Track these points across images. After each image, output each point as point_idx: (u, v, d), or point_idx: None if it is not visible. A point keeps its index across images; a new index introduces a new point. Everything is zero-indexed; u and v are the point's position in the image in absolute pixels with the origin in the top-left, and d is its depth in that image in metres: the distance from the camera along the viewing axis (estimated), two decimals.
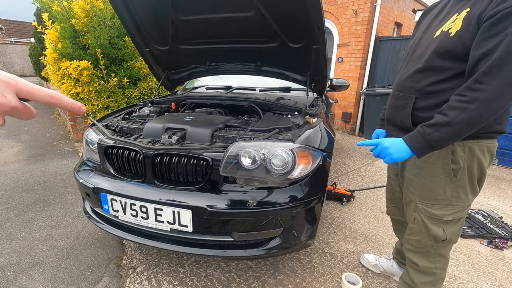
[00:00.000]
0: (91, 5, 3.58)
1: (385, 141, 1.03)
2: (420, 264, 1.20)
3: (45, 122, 5.72)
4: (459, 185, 1.04)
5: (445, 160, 1.03)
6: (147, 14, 1.88)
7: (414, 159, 1.13)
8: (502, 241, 2.07)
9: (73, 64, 3.49)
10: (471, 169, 1.02)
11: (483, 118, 0.87)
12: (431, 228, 1.11)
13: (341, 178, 3.32)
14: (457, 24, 0.93)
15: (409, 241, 1.22)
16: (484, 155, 1.00)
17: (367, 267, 1.76)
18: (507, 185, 3.33)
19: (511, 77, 0.82)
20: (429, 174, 1.09)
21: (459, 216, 1.09)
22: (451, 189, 1.05)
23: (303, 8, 1.49)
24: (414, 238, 1.19)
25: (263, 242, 1.39)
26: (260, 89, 2.44)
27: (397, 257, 1.65)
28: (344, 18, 5.47)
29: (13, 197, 2.56)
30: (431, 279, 1.21)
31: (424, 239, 1.15)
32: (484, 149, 1.00)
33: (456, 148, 1.01)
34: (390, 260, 1.71)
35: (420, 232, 1.16)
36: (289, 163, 1.28)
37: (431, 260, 1.18)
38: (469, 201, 1.07)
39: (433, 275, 1.20)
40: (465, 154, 1.00)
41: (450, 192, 1.05)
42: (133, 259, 1.79)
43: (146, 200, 1.33)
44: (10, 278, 1.62)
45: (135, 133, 1.66)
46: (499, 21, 0.83)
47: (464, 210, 1.09)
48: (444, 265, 1.20)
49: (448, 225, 1.10)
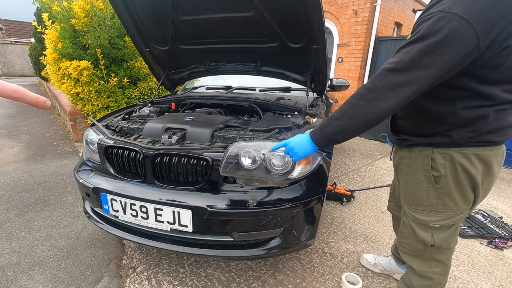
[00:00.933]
0: (91, 5, 3.58)
1: (290, 142, 1.09)
2: (416, 267, 1.19)
3: (45, 122, 5.72)
4: (443, 193, 1.02)
5: (426, 167, 1.03)
6: (147, 14, 1.88)
7: (403, 165, 1.14)
8: (502, 241, 2.07)
9: (73, 64, 3.49)
10: (457, 177, 0.99)
11: (368, 116, 0.90)
12: (419, 233, 1.11)
13: (341, 178, 3.32)
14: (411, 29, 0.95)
15: (402, 244, 1.23)
16: (472, 163, 0.96)
17: (367, 267, 1.77)
18: (507, 185, 3.33)
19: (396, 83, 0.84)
20: (413, 180, 1.09)
21: (449, 223, 1.07)
22: (436, 196, 1.04)
23: (303, 8, 1.49)
24: (405, 241, 1.20)
25: (263, 242, 1.39)
26: (260, 89, 2.45)
27: (395, 253, 1.65)
28: (344, 18, 5.47)
29: (13, 197, 2.56)
30: (428, 283, 1.19)
31: (414, 243, 1.15)
32: (471, 157, 0.96)
33: (436, 155, 1.00)
34: (388, 257, 1.72)
35: (409, 235, 1.16)
36: (289, 163, 1.28)
37: (426, 263, 1.17)
38: (460, 209, 1.04)
39: (430, 280, 1.18)
40: (446, 162, 0.99)
41: (434, 199, 1.04)
42: (133, 259, 1.79)
43: (146, 200, 1.33)
44: (10, 278, 1.62)
45: (135, 133, 1.66)
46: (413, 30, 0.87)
47: (455, 217, 1.06)
48: (442, 270, 1.17)
49: (437, 232, 1.09)
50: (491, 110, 0.90)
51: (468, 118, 0.92)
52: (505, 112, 0.92)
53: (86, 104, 3.86)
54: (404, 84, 0.84)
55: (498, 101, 0.88)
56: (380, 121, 0.91)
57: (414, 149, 1.07)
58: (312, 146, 1.04)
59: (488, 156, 0.96)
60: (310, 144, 1.04)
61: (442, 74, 0.82)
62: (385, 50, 5.29)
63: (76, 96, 3.80)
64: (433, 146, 1.01)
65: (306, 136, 1.06)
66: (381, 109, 0.88)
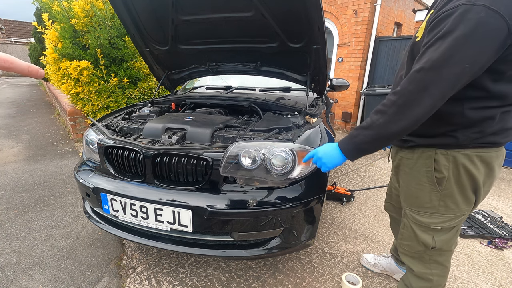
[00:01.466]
0: (91, 5, 3.58)
1: (319, 151, 1.05)
2: (415, 269, 1.18)
3: (45, 122, 5.72)
4: (446, 194, 1.01)
5: (429, 169, 1.02)
6: (147, 14, 1.88)
7: (404, 166, 1.13)
8: (502, 241, 2.07)
9: (73, 64, 3.49)
10: (459, 179, 0.98)
11: (402, 123, 0.86)
12: (420, 235, 1.10)
13: (341, 178, 3.32)
14: (422, 27, 0.94)
15: (402, 245, 1.22)
16: (475, 164, 0.95)
17: (367, 267, 1.77)
18: (507, 185, 3.33)
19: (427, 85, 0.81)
20: (415, 181, 1.08)
21: (450, 225, 1.06)
22: (438, 198, 1.03)
23: (303, 8, 1.49)
24: (405, 243, 1.18)
25: (263, 242, 1.39)
26: (260, 89, 2.44)
27: (395, 254, 1.64)
28: (344, 18, 5.47)
29: (13, 197, 2.56)
30: (428, 285, 1.18)
31: (414, 245, 1.14)
32: (474, 158, 0.95)
33: (439, 157, 0.99)
34: (388, 257, 1.71)
35: (409, 237, 1.15)
36: (289, 163, 1.28)
37: (426, 265, 1.16)
38: (462, 210, 1.03)
39: (430, 281, 1.17)
40: (449, 163, 0.97)
41: (437, 200, 1.03)
42: (133, 259, 1.79)
43: (146, 200, 1.33)
44: (10, 278, 1.62)
45: (135, 133, 1.66)
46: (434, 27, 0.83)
47: (457, 219, 1.05)
48: (442, 272, 1.16)
49: (438, 234, 1.08)
50: (499, 112, 0.89)
51: (475, 118, 0.90)
52: (510, 113, 0.92)
53: (86, 104, 3.86)
54: (436, 82, 0.80)
55: (507, 102, 0.88)
56: (414, 127, 0.87)
57: (416, 150, 1.06)
58: (342, 156, 1.00)
59: (491, 157, 0.96)
60: (340, 155, 1.00)
61: (477, 69, 0.78)
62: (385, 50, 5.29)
63: (76, 96, 3.80)
64: (437, 147, 0.99)
65: (335, 145, 1.02)
66: (415, 113, 0.83)
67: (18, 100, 8.35)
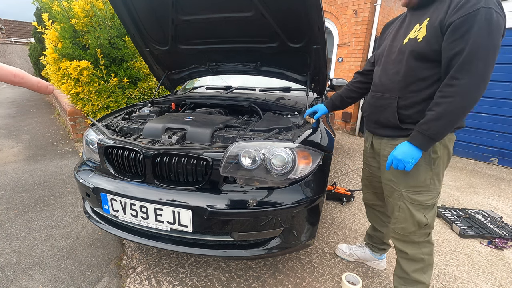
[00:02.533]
0: (91, 5, 3.59)
1: (397, 155, 1.14)
2: (409, 251, 1.29)
3: (45, 122, 5.72)
4: (435, 173, 1.18)
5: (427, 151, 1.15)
6: (147, 14, 1.88)
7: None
8: (502, 241, 2.07)
9: (73, 64, 3.49)
10: (444, 158, 1.18)
11: (467, 106, 1.01)
12: (415, 215, 1.22)
13: (341, 178, 3.32)
14: (422, 31, 1.09)
15: (395, 230, 1.31)
16: (451, 145, 1.18)
17: (342, 257, 1.83)
18: (507, 185, 3.33)
19: (481, 70, 0.96)
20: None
21: (434, 202, 1.22)
22: (430, 176, 1.18)
23: (303, 8, 1.49)
24: (400, 226, 1.27)
25: (263, 242, 1.39)
26: (260, 89, 2.44)
27: (370, 242, 1.75)
28: (344, 18, 5.47)
29: (13, 197, 2.56)
30: (421, 265, 1.29)
31: (409, 226, 1.24)
32: (451, 139, 1.17)
33: None
34: (363, 247, 1.80)
35: (405, 219, 1.25)
36: (289, 163, 1.29)
37: (417, 246, 1.27)
38: (440, 187, 1.21)
39: (422, 261, 1.28)
40: (440, 145, 1.15)
41: (429, 179, 1.18)
42: (133, 259, 1.79)
43: (146, 200, 1.33)
44: (10, 278, 1.62)
45: (135, 133, 1.66)
46: (460, 25, 0.97)
47: (438, 196, 1.23)
48: (429, 250, 1.29)
49: (427, 210, 1.22)
50: None
51: None
52: None
53: (86, 104, 3.86)
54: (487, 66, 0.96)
55: None
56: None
57: None
58: (418, 150, 1.10)
59: (453, 140, 1.19)
60: (416, 150, 1.10)
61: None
62: None
63: (76, 96, 3.80)
64: None
65: (407, 144, 1.11)
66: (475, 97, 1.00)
67: (18, 100, 8.35)
